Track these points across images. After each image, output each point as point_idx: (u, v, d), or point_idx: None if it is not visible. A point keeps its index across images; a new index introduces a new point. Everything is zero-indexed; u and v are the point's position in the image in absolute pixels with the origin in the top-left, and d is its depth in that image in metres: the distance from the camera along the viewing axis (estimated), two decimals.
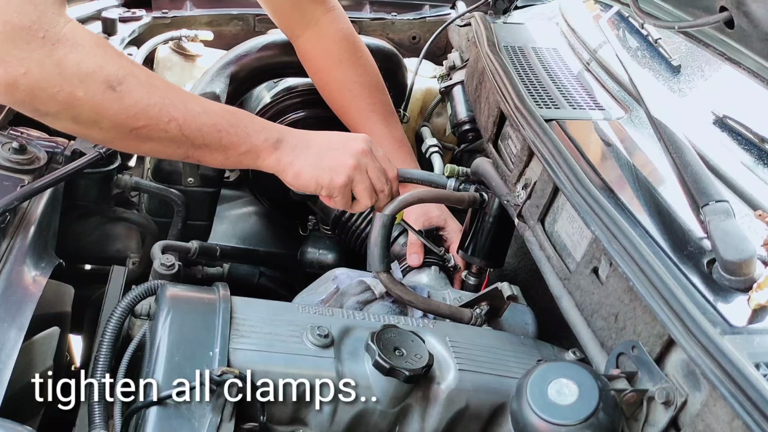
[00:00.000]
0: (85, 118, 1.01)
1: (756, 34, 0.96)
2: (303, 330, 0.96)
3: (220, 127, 1.10)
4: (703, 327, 0.75)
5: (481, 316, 1.14)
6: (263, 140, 1.14)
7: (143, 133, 1.05)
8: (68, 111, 0.99)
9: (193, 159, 1.12)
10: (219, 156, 1.13)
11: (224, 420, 0.84)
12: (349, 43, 1.51)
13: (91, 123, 1.02)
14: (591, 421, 0.77)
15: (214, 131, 1.10)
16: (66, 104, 0.98)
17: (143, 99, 1.03)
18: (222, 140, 1.11)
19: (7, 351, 0.89)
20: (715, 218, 0.88)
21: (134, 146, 1.10)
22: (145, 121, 1.04)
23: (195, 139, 1.09)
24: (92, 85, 0.99)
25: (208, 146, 1.10)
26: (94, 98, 0.99)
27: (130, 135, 1.05)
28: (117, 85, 1.00)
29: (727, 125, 1.14)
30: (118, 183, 1.44)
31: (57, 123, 1.03)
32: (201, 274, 1.39)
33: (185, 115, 1.07)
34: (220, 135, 1.10)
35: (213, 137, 1.10)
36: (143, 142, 1.07)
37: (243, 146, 1.13)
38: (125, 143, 1.09)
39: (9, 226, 1.08)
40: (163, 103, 1.05)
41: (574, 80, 1.36)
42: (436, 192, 1.34)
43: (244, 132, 1.12)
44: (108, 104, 1.00)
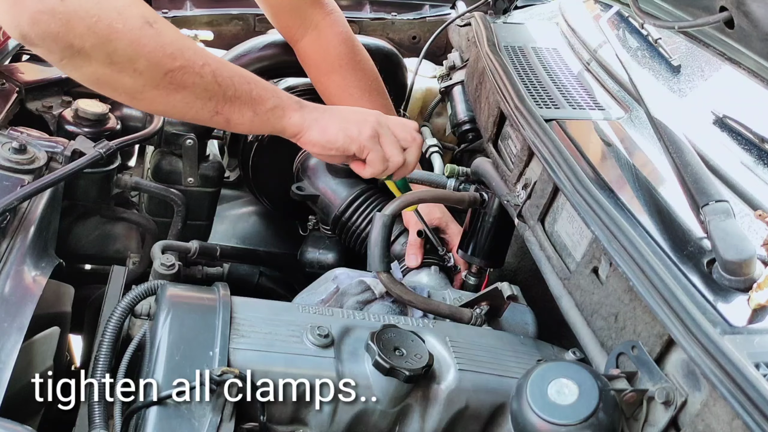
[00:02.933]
0: (121, 54, 0.95)
1: (756, 34, 0.96)
2: (303, 330, 0.96)
3: (249, 79, 1.09)
4: (703, 327, 0.75)
5: (481, 316, 1.14)
6: (287, 97, 1.13)
7: (177, 78, 1.00)
8: (105, 46, 0.94)
9: (221, 117, 1.07)
10: (248, 112, 1.08)
11: (224, 420, 0.84)
12: (348, 47, 1.51)
13: (127, 61, 0.96)
14: (591, 421, 0.77)
15: (244, 82, 1.07)
16: (104, 37, 0.93)
17: (178, 39, 1.01)
18: (252, 92, 1.08)
19: (7, 351, 0.89)
20: (715, 218, 0.88)
21: (164, 98, 1.03)
22: (181, 61, 1.00)
23: (227, 89, 1.05)
24: (130, 18, 0.94)
25: (239, 98, 1.07)
26: (132, 31, 0.94)
27: (165, 79, 1.00)
28: (153, 22, 0.97)
29: (727, 125, 1.14)
30: (118, 183, 1.44)
31: (87, 66, 0.96)
32: (201, 274, 1.39)
33: (217, 62, 1.05)
34: (250, 87, 1.08)
35: (244, 88, 1.07)
36: (175, 90, 1.02)
37: (271, 101, 1.10)
38: (156, 92, 1.01)
39: (9, 226, 1.08)
40: (195, 48, 1.03)
41: (574, 80, 1.36)
42: (436, 192, 1.34)
43: (272, 88, 1.12)
44: (146, 39, 0.96)
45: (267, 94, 1.10)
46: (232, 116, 1.08)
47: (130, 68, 0.97)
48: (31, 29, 0.90)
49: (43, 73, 1.48)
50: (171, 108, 1.07)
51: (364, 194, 1.54)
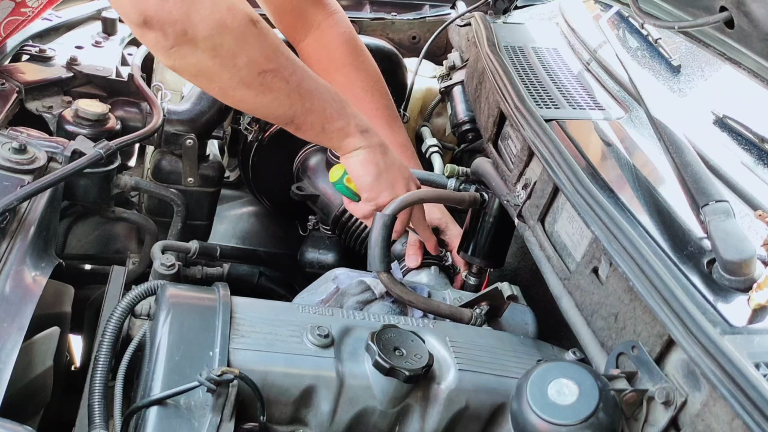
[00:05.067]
0: (226, 48, 1.02)
1: (756, 34, 0.96)
2: (303, 330, 0.96)
3: (326, 97, 1.16)
4: (703, 327, 0.76)
5: (481, 316, 1.14)
6: (356, 124, 1.20)
7: (268, 80, 1.07)
8: (214, 38, 1.01)
9: (293, 125, 1.15)
10: (318, 126, 1.16)
11: (224, 420, 0.84)
12: (351, 47, 1.51)
13: (230, 55, 1.03)
14: (591, 421, 0.77)
15: (322, 99, 1.15)
16: (216, 29, 1.00)
17: (276, 42, 1.08)
18: (326, 110, 1.16)
19: (7, 351, 0.89)
20: (715, 218, 0.88)
21: (252, 97, 1.10)
22: (275, 64, 1.07)
23: (306, 100, 1.13)
24: (239, 16, 1.02)
25: (314, 112, 1.14)
26: (239, 28, 1.02)
27: (258, 78, 1.07)
28: (257, 22, 1.05)
29: (727, 125, 1.15)
30: (118, 183, 1.44)
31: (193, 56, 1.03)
32: (201, 274, 1.39)
33: (303, 73, 1.12)
34: (325, 105, 1.16)
35: (320, 104, 1.15)
36: (264, 92, 1.09)
37: (340, 122, 1.18)
38: (246, 91, 1.09)
39: (9, 226, 1.08)
40: (288, 55, 1.10)
41: (574, 80, 1.36)
42: (436, 192, 1.34)
43: (343, 110, 1.18)
44: (251, 38, 1.04)
45: (337, 114, 1.18)
46: (304, 125, 1.16)
47: (231, 63, 1.04)
48: (155, 13, 0.98)
49: (43, 73, 1.48)
50: (256, 108, 1.15)
51: None
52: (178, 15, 0.98)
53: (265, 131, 1.68)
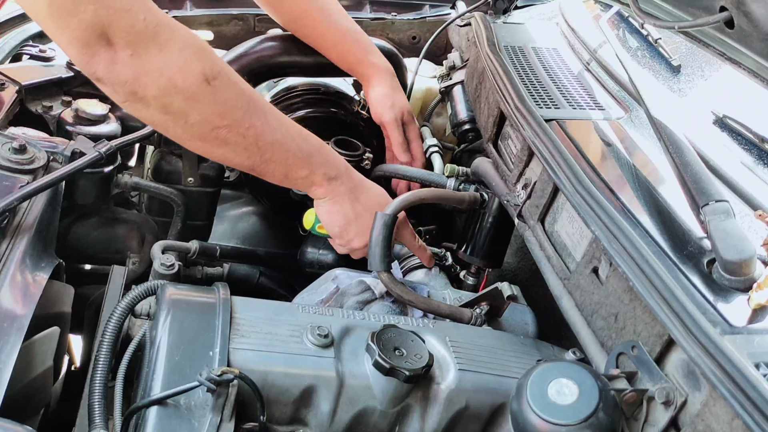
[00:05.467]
0: (176, 107, 1.02)
1: (756, 34, 0.96)
2: (303, 330, 0.96)
3: (290, 147, 1.15)
4: (703, 327, 0.75)
5: (481, 316, 1.14)
6: (322, 173, 1.19)
7: (222, 135, 1.07)
8: (163, 98, 1.01)
9: (255, 172, 1.16)
10: (280, 175, 1.18)
11: (224, 420, 0.84)
12: None
13: (180, 114, 1.03)
14: (591, 421, 0.77)
15: (284, 150, 1.14)
16: (163, 90, 1.00)
17: (232, 99, 1.06)
18: (288, 160, 1.15)
19: (7, 351, 0.89)
20: (715, 218, 0.88)
21: (207, 149, 1.11)
22: (229, 121, 1.06)
23: (265, 152, 1.12)
24: (190, 75, 1.01)
25: (274, 162, 1.14)
26: (190, 88, 1.01)
27: (211, 134, 1.07)
28: (212, 80, 1.03)
29: (727, 125, 1.14)
30: (118, 183, 1.44)
31: (145, 111, 1.03)
32: (201, 274, 1.39)
33: (264, 126, 1.10)
34: (288, 155, 1.15)
35: (281, 155, 1.14)
36: (219, 145, 1.09)
37: (303, 171, 1.18)
38: (200, 143, 1.10)
39: (9, 226, 1.08)
40: (247, 108, 1.08)
41: (574, 80, 1.36)
42: (436, 192, 1.34)
43: (307, 159, 1.17)
44: (202, 96, 1.03)
45: (302, 162, 1.17)
46: (265, 174, 1.17)
47: (182, 120, 1.05)
48: (105, 74, 0.99)
49: (43, 73, 1.48)
50: (213, 157, 1.16)
51: None
52: (127, 77, 0.99)
53: None
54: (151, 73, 0.99)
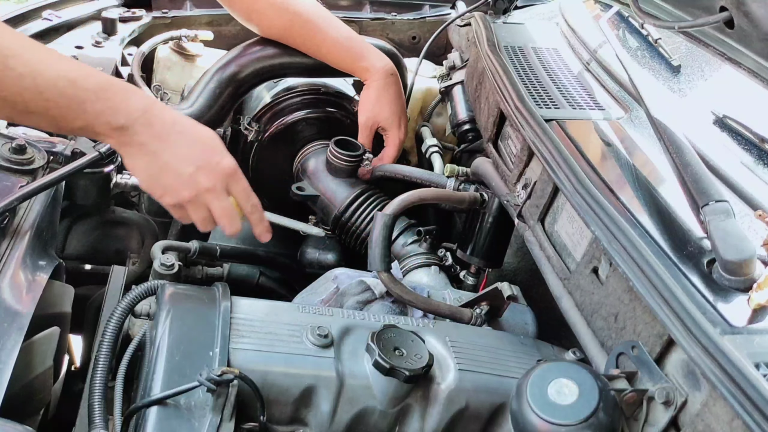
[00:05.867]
0: None
1: (756, 34, 0.96)
2: (303, 330, 0.96)
3: (50, 96, 0.95)
4: (703, 327, 0.76)
5: (481, 316, 1.14)
6: (104, 122, 0.99)
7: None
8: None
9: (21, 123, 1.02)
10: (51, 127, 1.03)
11: (224, 420, 0.84)
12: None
13: None
14: (591, 421, 0.77)
15: (40, 99, 0.94)
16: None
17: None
18: (49, 110, 0.96)
19: (7, 351, 0.89)
20: (715, 218, 0.88)
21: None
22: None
23: (16, 104, 0.94)
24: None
25: (34, 113, 0.96)
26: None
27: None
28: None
29: (727, 125, 1.14)
30: (118, 183, 1.44)
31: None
32: (201, 274, 1.39)
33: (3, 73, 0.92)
34: (47, 105, 0.95)
35: (38, 105, 0.95)
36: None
37: (77, 122, 0.98)
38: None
39: (9, 226, 1.08)
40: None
41: (574, 80, 1.36)
42: (436, 191, 1.34)
43: (79, 107, 0.97)
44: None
45: (72, 114, 0.97)
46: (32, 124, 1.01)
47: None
48: None
49: None
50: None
51: (364, 194, 1.54)
52: None
53: (265, 131, 1.68)
54: None
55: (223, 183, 1.08)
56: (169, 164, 1.04)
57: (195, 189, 1.06)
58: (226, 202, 1.09)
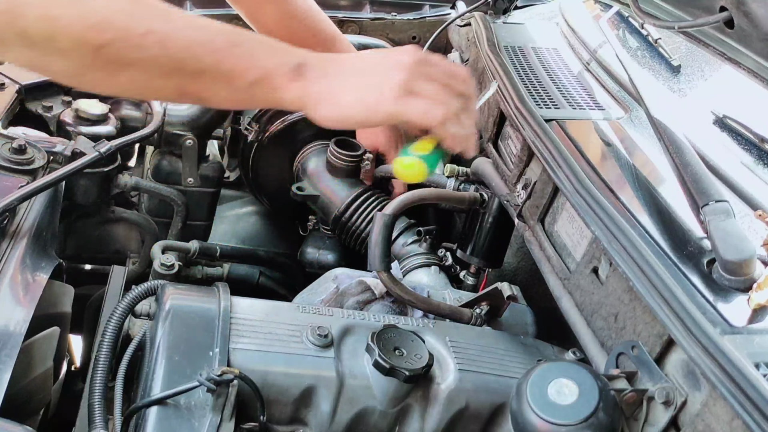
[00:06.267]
0: (34, 34, 0.78)
1: (756, 34, 0.96)
2: (303, 330, 0.96)
3: (217, 45, 0.84)
4: (703, 327, 0.76)
5: (481, 316, 1.14)
6: (277, 65, 0.87)
7: (113, 55, 0.80)
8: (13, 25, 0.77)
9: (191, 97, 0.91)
10: (223, 89, 0.86)
11: (224, 420, 0.84)
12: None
13: (46, 41, 0.78)
14: (591, 421, 0.77)
15: (209, 51, 0.84)
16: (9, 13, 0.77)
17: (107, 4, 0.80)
18: (221, 64, 0.84)
19: (7, 351, 0.89)
20: (715, 218, 0.88)
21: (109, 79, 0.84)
22: (112, 33, 0.79)
23: (185, 62, 0.83)
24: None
25: (206, 73, 0.84)
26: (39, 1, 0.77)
27: (99, 58, 0.80)
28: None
29: (727, 125, 1.14)
30: (118, 183, 1.44)
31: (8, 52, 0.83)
32: (201, 274, 1.39)
33: (166, 27, 0.82)
34: (218, 56, 0.84)
35: (209, 60, 0.84)
36: (118, 70, 0.82)
37: (252, 72, 0.86)
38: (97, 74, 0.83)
39: (9, 227, 1.08)
40: (133, 10, 0.81)
41: (574, 80, 1.36)
42: (437, 191, 1.34)
43: (249, 53, 0.86)
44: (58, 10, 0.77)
45: (244, 64, 0.85)
46: (204, 94, 0.87)
47: (53, 48, 0.79)
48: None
49: None
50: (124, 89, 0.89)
51: (364, 194, 1.54)
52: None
53: (265, 131, 1.68)
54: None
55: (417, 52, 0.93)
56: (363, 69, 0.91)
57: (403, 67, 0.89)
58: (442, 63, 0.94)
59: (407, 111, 0.89)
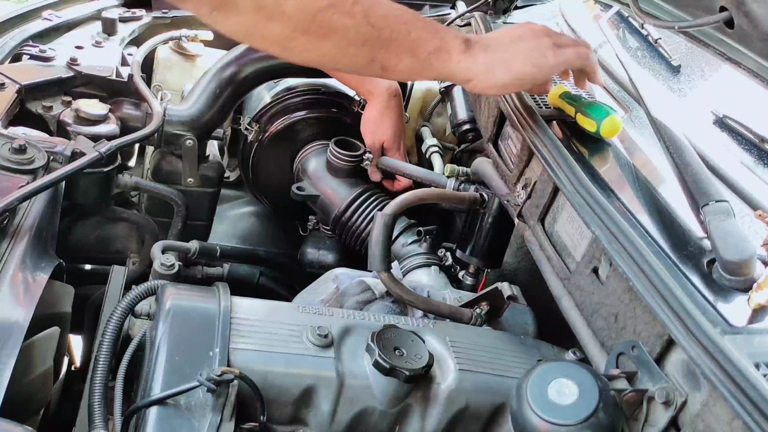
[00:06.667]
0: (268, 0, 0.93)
1: (756, 34, 0.96)
2: (303, 330, 0.96)
3: (406, 18, 0.99)
4: (703, 327, 0.75)
5: (481, 316, 1.14)
6: (453, 37, 1.03)
7: (327, 20, 0.94)
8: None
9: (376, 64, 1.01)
10: (407, 57, 1.00)
11: (224, 420, 0.84)
12: None
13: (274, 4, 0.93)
14: (591, 421, 0.77)
15: (401, 22, 0.99)
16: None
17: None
18: (410, 33, 0.99)
19: (7, 351, 0.89)
20: (715, 218, 0.88)
21: (314, 43, 0.97)
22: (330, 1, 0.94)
23: (382, 30, 0.97)
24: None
25: (396, 41, 0.98)
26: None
27: (314, 23, 0.95)
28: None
29: (727, 125, 1.15)
30: (118, 183, 1.44)
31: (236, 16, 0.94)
32: (201, 274, 1.39)
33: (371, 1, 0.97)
34: (408, 27, 0.99)
35: (401, 29, 0.99)
36: (325, 35, 0.96)
37: (433, 42, 1.01)
38: (306, 38, 0.97)
39: (9, 226, 1.08)
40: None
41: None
42: (437, 191, 1.34)
43: (431, 26, 1.02)
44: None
45: (427, 34, 1.00)
46: (389, 62, 1.00)
47: (278, 11, 0.93)
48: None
49: (43, 73, 1.48)
50: (323, 56, 1.01)
51: (364, 194, 1.54)
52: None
53: (265, 131, 1.68)
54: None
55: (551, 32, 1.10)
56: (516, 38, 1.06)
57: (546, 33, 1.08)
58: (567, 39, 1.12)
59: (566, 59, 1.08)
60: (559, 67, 1.08)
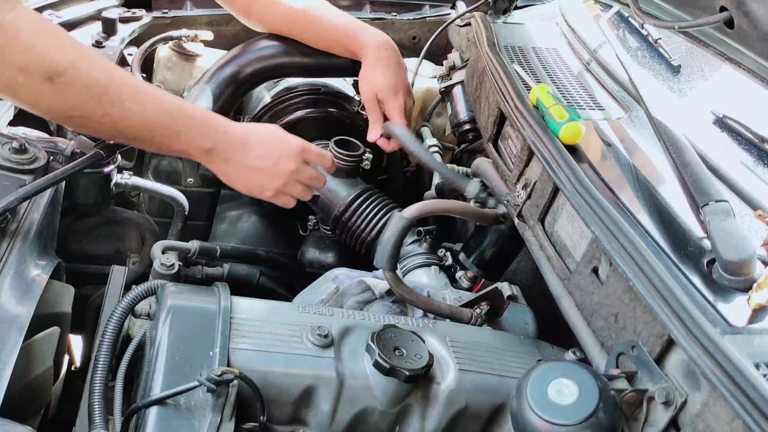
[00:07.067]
0: (24, 100, 1.08)
1: (756, 34, 0.96)
2: (303, 330, 0.96)
3: (153, 128, 1.15)
4: (703, 327, 0.75)
5: (481, 316, 1.14)
6: (195, 147, 1.20)
7: (78, 122, 1.12)
8: (10, 91, 1.06)
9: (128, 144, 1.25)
10: (154, 149, 1.27)
11: (224, 420, 0.84)
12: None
13: (30, 105, 1.09)
14: (591, 421, 0.77)
15: (146, 131, 1.15)
16: (8, 86, 1.04)
17: (81, 93, 1.07)
18: (153, 139, 1.17)
19: (7, 351, 0.89)
20: (715, 218, 0.88)
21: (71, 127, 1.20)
22: (80, 112, 1.09)
23: (127, 134, 1.15)
24: (31, 76, 1.02)
25: (139, 140, 1.18)
26: (32, 87, 1.03)
27: (67, 120, 1.12)
28: (56, 77, 1.04)
29: (727, 125, 1.14)
30: (118, 183, 1.44)
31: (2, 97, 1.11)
32: (201, 274, 1.39)
33: (120, 113, 1.11)
34: (152, 134, 1.16)
35: (144, 136, 1.16)
36: (79, 127, 1.18)
37: (174, 146, 1.20)
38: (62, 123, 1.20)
39: (9, 226, 1.08)
40: (100, 99, 1.08)
41: (574, 80, 1.36)
42: (462, 206, 1.29)
43: (175, 135, 1.18)
44: (45, 94, 1.05)
45: (170, 142, 1.18)
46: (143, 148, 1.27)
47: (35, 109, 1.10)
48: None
49: None
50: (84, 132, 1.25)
51: (364, 194, 1.54)
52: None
53: None
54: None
55: (300, 159, 1.27)
56: (255, 167, 1.24)
57: (283, 176, 1.26)
58: (309, 171, 1.30)
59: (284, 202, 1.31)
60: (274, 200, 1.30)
